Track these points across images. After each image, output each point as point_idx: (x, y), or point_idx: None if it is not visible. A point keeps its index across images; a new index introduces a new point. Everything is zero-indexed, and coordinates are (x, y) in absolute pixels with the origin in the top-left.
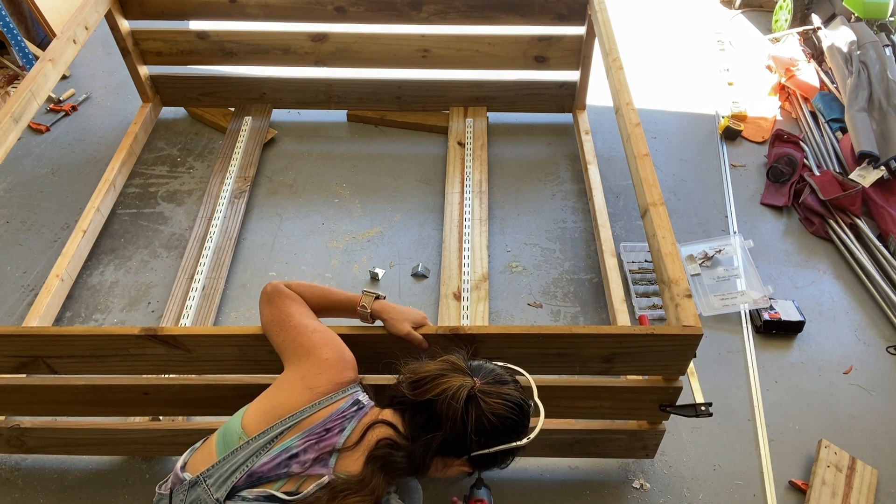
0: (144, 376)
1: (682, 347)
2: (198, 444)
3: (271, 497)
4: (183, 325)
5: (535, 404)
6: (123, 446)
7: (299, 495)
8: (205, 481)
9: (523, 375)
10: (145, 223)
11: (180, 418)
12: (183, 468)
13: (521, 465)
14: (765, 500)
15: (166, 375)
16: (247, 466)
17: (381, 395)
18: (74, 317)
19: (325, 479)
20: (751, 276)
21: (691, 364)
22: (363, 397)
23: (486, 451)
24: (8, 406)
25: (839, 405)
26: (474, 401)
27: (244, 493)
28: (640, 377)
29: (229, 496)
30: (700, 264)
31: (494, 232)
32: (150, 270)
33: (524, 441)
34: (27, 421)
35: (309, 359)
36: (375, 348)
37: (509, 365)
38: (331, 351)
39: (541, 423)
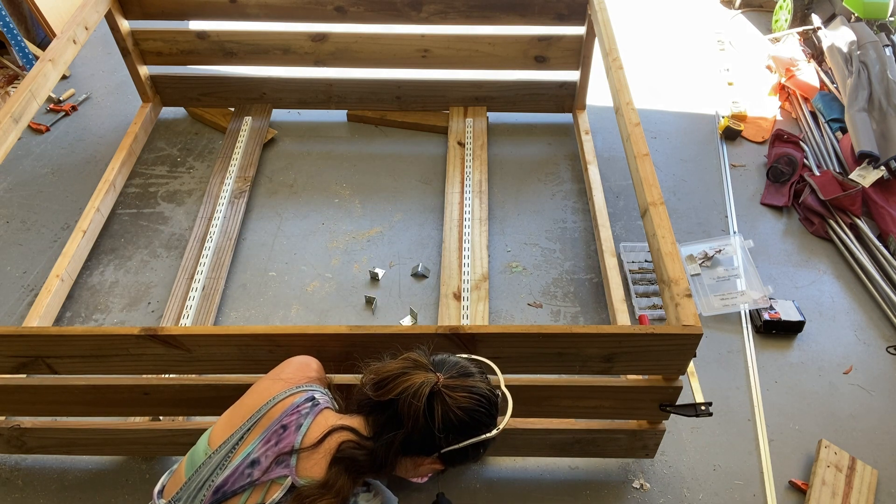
0: (144, 376)
1: (682, 347)
2: (174, 467)
3: None
4: (183, 325)
5: (503, 394)
6: (123, 446)
7: None
8: None
9: (489, 365)
10: (145, 223)
11: (180, 418)
12: (160, 494)
13: (520, 464)
14: (765, 500)
15: (166, 375)
16: (211, 482)
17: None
18: (74, 317)
19: (289, 480)
20: (751, 276)
21: (691, 364)
22: (319, 395)
23: (456, 446)
24: (8, 406)
25: (839, 405)
26: (439, 397)
27: None
28: (640, 377)
29: None
30: (700, 264)
31: (494, 232)
32: (150, 270)
33: (494, 432)
34: (27, 421)
35: (277, 367)
36: (375, 348)
37: (475, 356)
38: (298, 356)
39: (510, 412)
